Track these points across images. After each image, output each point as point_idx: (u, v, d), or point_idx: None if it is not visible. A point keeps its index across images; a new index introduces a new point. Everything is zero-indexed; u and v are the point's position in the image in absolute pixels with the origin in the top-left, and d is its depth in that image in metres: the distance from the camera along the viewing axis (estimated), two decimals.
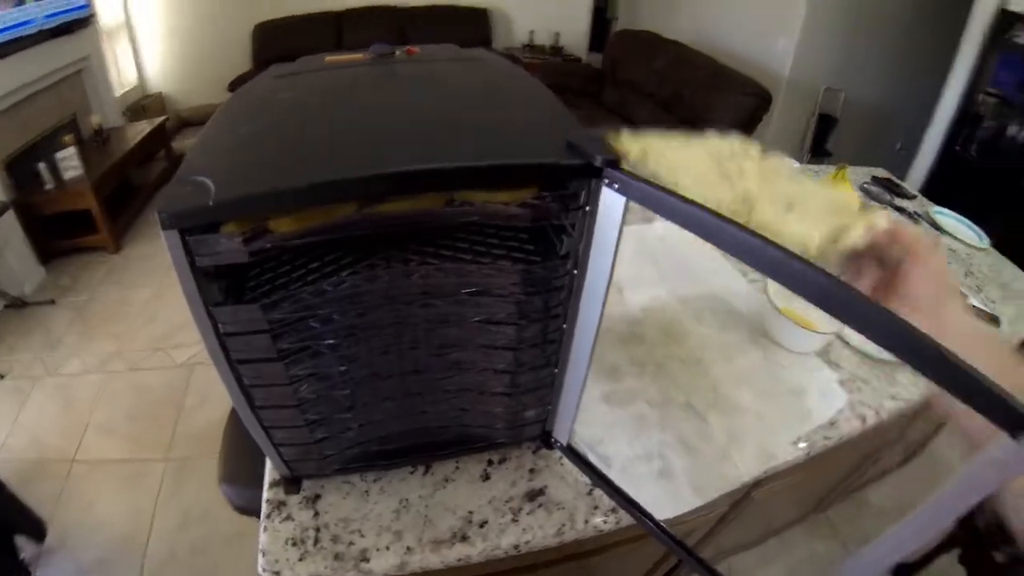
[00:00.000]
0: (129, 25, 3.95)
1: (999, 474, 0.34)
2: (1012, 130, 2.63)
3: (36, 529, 1.80)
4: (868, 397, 1.03)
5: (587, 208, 0.53)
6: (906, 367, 0.98)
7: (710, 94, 3.32)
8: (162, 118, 3.73)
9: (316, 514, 0.74)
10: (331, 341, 0.56)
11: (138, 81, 4.09)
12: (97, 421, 2.25)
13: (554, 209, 0.52)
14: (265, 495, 0.78)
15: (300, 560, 0.70)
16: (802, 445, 0.92)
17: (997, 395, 0.31)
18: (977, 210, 1.88)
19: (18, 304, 2.78)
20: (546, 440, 0.78)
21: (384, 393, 0.65)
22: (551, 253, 0.59)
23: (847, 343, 1.14)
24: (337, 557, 0.70)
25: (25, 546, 1.76)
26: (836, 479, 1.55)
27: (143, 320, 2.76)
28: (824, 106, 3.76)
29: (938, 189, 2.82)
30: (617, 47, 4.35)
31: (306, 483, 0.77)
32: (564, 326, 0.62)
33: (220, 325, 0.52)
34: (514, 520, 0.74)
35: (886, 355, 1.10)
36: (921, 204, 1.93)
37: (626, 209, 0.52)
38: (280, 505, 0.76)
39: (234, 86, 3.82)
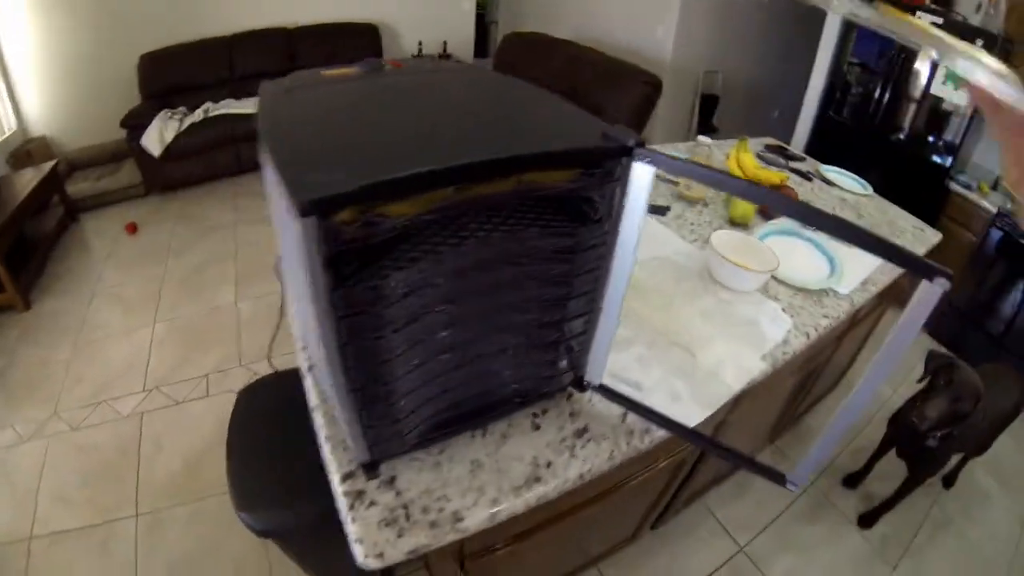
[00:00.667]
0: (2, 64, 3.62)
1: (926, 307, 0.53)
2: (876, 94, 3.06)
3: None
4: (806, 319, 1.26)
5: (619, 180, 0.67)
6: (828, 295, 1.22)
7: (606, 87, 3.57)
8: (52, 163, 3.47)
9: (398, 493, 0.80)
10: (422, 315, 0.65)
11: (17, 125, 3.77)
12: (48, 492, 2.07)
13: (595, 184, 0.66)
14: (339, 489, 0.82)
15: (399, 537, 0.75)
16: (768, 359, 1.13)
17: (915, 256, 0.52)
18: (855, 165, 2.21)
19: None
20: (579, 384, 0.91)
21: (458, 361, 0.75)
22: (589, 222, 0.72)
23: (780, 280, 1.36)
24: (433, 525, 0.76)
25: None
26: (783, 404, 1.79)
27: (72, 377, 2.59)
28: (705, 87, 4.15)
29: (819, 150, 3.22)
30: (508, 50, 4.52)
31: (380, 468, 0.83)
32: (600, 278, 0.75)
33: (340, 309, 0.58)
34: (572, 455, 0.86)
35: (813, 284, 1.34)
36: (811, 164, 2.22)
37: (652, 178, 0.67)
38: (359, 494, 0.80)
39: (127, 122, 3.64)
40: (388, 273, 0.60)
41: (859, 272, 1.45)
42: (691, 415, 0.95)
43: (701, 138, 1.87)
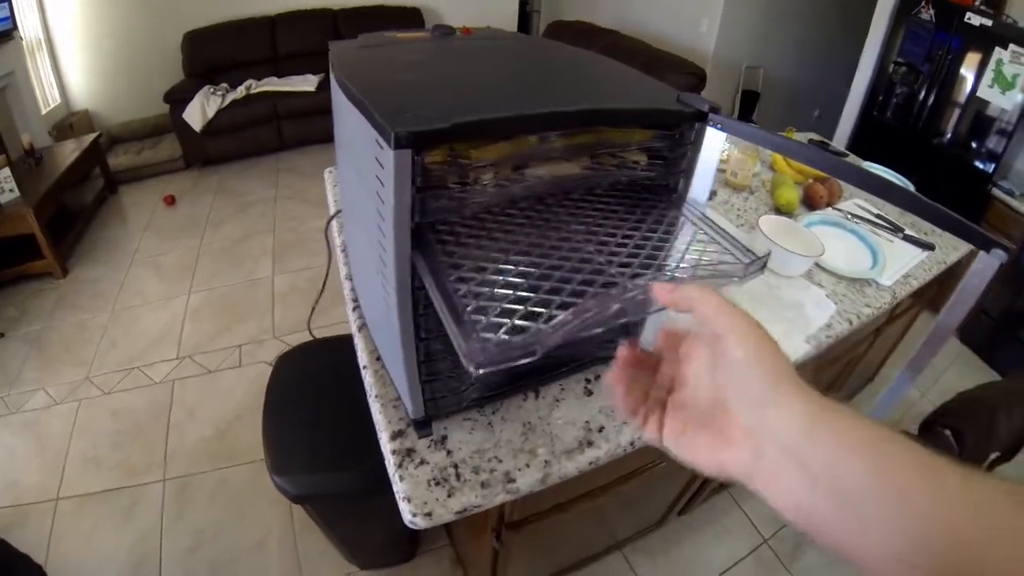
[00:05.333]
0: (49, 40, 3.72)
1: (982, 279, 0.53)
2: (921, 95, 3.00)
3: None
4: (849, 307, 1.26)
5: (693, 143, 0.68)
6: (871, 285, 1.20)
7: (651, 76, 3.54)
8: (94, 135, 3.55)
9: (449, 452, 0.81)
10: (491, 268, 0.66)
11: (61, 98, 3.86)
12: (77, 453, 2.11)
13: (671, 145, 0.67)
14: (388, 447, 0.82)
15: (449, 496, 0.75)
16: (812, 342, 1.13)
17: (969, 225, 0.52)
18: (896, 166, 2.17)
19: None
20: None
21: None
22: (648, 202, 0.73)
23: (824, 268, 1.36)
24: (484, 485, 0.77)
25: None
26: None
27: (107, 343, 2.65)
28: (746, 83, 4.10)
29: (860, 150, 3.17)
30: (552, 37, 4.50)
31: (432, 427, 0.83)
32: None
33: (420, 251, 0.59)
34: (625, 422, 0.86)
35: (856, 273, 1.33)
36: (853, 160, 2.19)
37: (722, 144, 0.68)
38: (409, 452, 0.81)
39: (170, 97, 3.71)
40: (470, 226, 0.61)
41: (901, 265, 1.45)
42: None
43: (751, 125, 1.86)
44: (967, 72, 2.82)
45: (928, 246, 1.55)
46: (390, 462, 0.81)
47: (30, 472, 2.06)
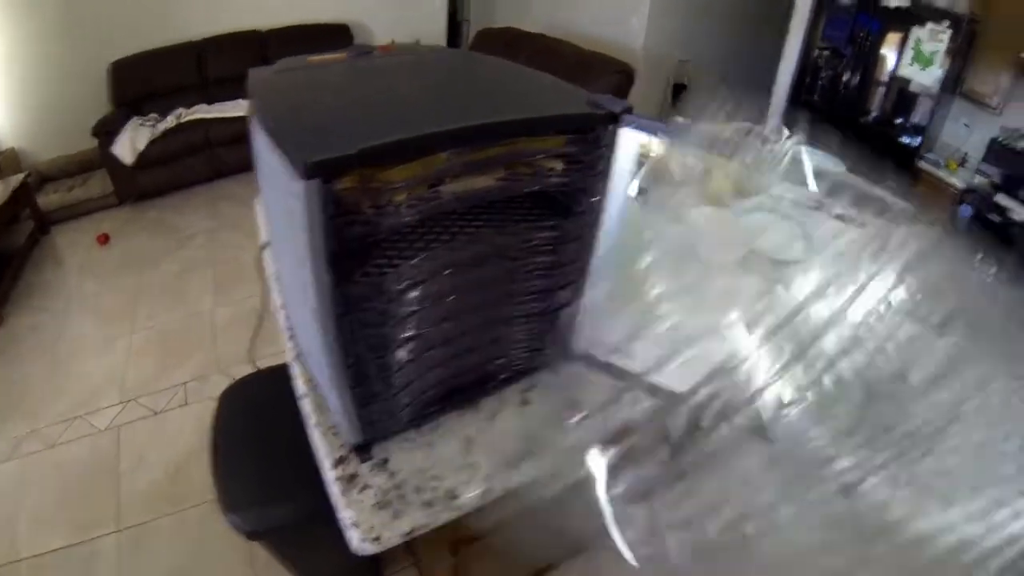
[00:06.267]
0: None
1: None
2: (845, 76, 3.12)
3: None
4: None
5: (607, 145, 0.68)
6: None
7: (580, 77, 3.57)
8: (21, 176, 3.39)
9: (391, 474, 0.79)
10: (416, 290, 0.65)
11: None
12: (29, 512, 2.02)
13: (587, 148, 0.66)
14: (331, 475, 0.81)
15: (395, 519, 0.74)
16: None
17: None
18: (826, 146, 2.24)
19: None
20: (567, 357, 0.91)
21: (445, 337, 0.74)
22: (566, 208, 0.73)
23: (758, 254, 1.38)
24: (428, 504, 0.76)
25: None
26: None
27: (49, 393, 2.52)
28: (677, 76, 4.20)
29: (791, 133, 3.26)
30: (480, 46, 4.54)
31: (372, 451, 0.82)
32: (587, 248, 0.75)
33: (338, 278, 0.57)
34: (563, 430, 0.85)
35: (788, 257, 1.36)
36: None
37: (637, 145, 0.68)
38: (352, 478, 0.79)
39: (97, 130, 3.57)
40: (386, 248, 0.60)
41: (836, 246, 1.49)
42: (680, 381, 0.95)
43: (678, 119, 1.88)
44: (888, 52, 2.95)
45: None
46: (334, 490, 0.80)
47: None
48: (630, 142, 0.68)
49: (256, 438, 1.40)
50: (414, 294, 0.64)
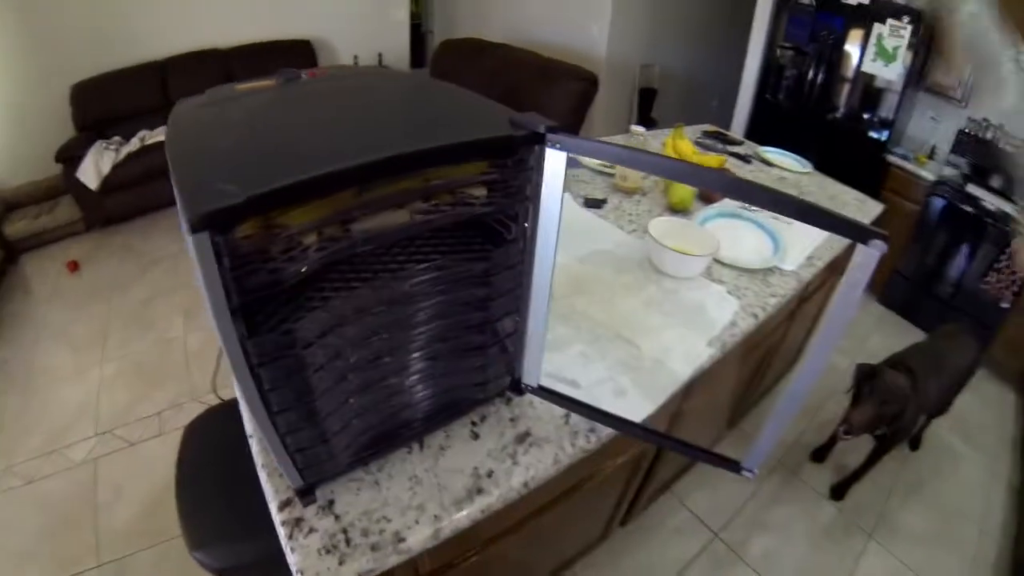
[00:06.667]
0: None
1: (864, 272, 0.53)
2: (810, 75, 3.13)
3: None
4: (753, 299, 1.26)
5: (533, 168, 0.66)
6: (775, 272, 1.22)
7: (542, 87, 3.57)
8: None
9: (337, 517, 0.77)
10: (338, 332, 0.62)
11: None
12: (10, 548, 1.98)
13: (511, 172, 0.64)
14: (278, 519, 0.78)
15: (341, 564, 0.71)
16: (715, 344, 1.12)
17: (849, 220, 0.51)
18: (794, 144, 2.24)
19: None
20: (516, 387, 0.89)
21: (380, 374, 0.71)
22: (497, 235, 0.70)
23: (722, 262, 1.36)
24: (375, 548, 0.73)
25: None
26: (741, 387, 1.80)
27: (21, 428, 2.46)
28: (643, 81, 4.20)
29: (759, 133, 3.28)
30: (443, 58, 4.51)
31: (317, 492, 0.79)
32: (524, 275, 0.73)
33: (245, 329, 0.55)
34: (515, 463, 0.83)
35: (756, 263, 1.35)
36: (750, 147, 2.25)
37: (566, 163, 0.65)
38: (298, 522, 0.77)
39: (62, 156, 3.50)
40: (299, 293, 0.57)
41: (803, 248, 1.47)
42: (638, 409, 0.93)
43: (634, 128, 1.87)
44: (851, 48, 2.96)
45: None
46: (281, 534, 0.77)
47: None
48: (558, 163, 0.65)
49: (221, 473, 1.37)
50: (334, 339, 0.61)
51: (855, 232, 0.51)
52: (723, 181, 0.57)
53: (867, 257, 0.52)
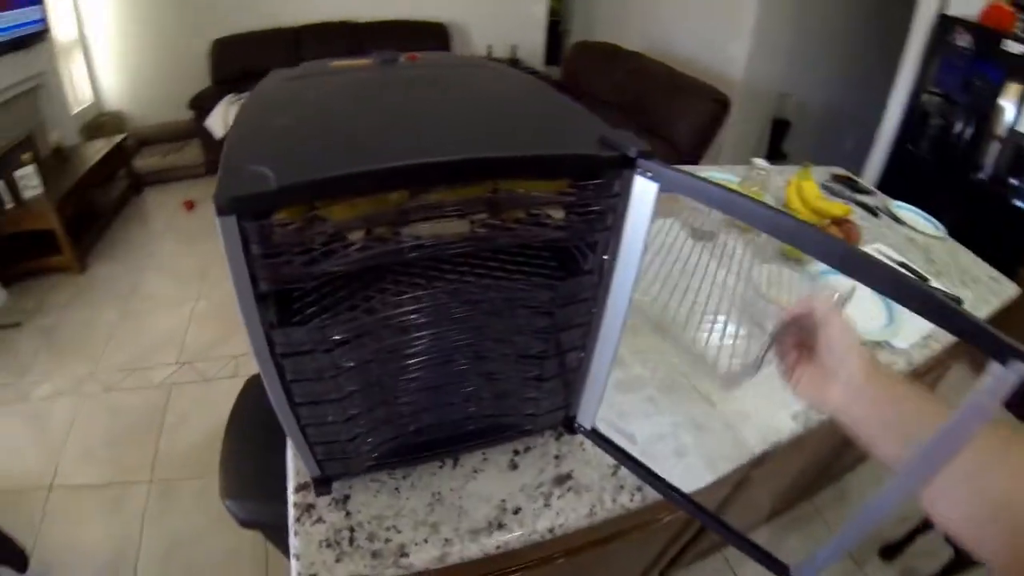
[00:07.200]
0: (83, 41, 3.84)
1: (993, 398, 0.40)
2: (957, 127, 2.79)
3: (17, 559, 1.72)
4: None
5: (619, 196, 0.57)
6: (883, 348, 1.07)
7: (671, 101, 3.40)
8: (121, 136, 3.64)
9: (348, 514, 0.74)
10: (375, 346, 0.58)
11: (94, 99, 3.98)
12: (74, 445, 2.17)
13: (591, 197, 0.56)
14: (292, 499, 0.77)
15: (337, 562, 0.69)
16: (799, 420, 0.99)
17: (986, 330, 0.39)
18: (931, 202, 1.99)
19: None
20: (569, 425, 0.81)
21: (419, 385, 0.67)
22: (572, 260, 0.63)
23: None
24: (375, 555, 0.70)
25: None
26: (821, 461, 1.62)
27: (114, 342, 2.69)
28: (777, 111, 3.92)
29: (893, 184, 2.96)
30: (576, 58, 4.44)
31: (335, 484, 0.77)
32: (594, 311, 0.65)
33: (272, 329, 0.52)
34: (546, 505, 0.76)
35: (863, 334, 1.19)
36: (880, 199, 2.03)
37: (657, 197, 0.57)
38: (309, 508, 0.75)
39: (194, 104, 3.77)
40: (334, 292, 0.54)
41: (921, 325, 1.28)
42: (695, 476, 0.83)
43: (756, 160, 1.72)
44: (1007, 104, 2.61)
45: (954, 300, 1.40)
46: (290, 514, 0.76)
47: (29, 459, 2.13)
48: (647, 194, 0.57)
49: (264, 432, 1.38)
50: (370, 343, 0.57)
51: (993, 346, 0.39)
52: (836, 253, 0.46)
53: (1002, 380, 0.39)
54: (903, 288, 0.42)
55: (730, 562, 1.81)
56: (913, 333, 1.26)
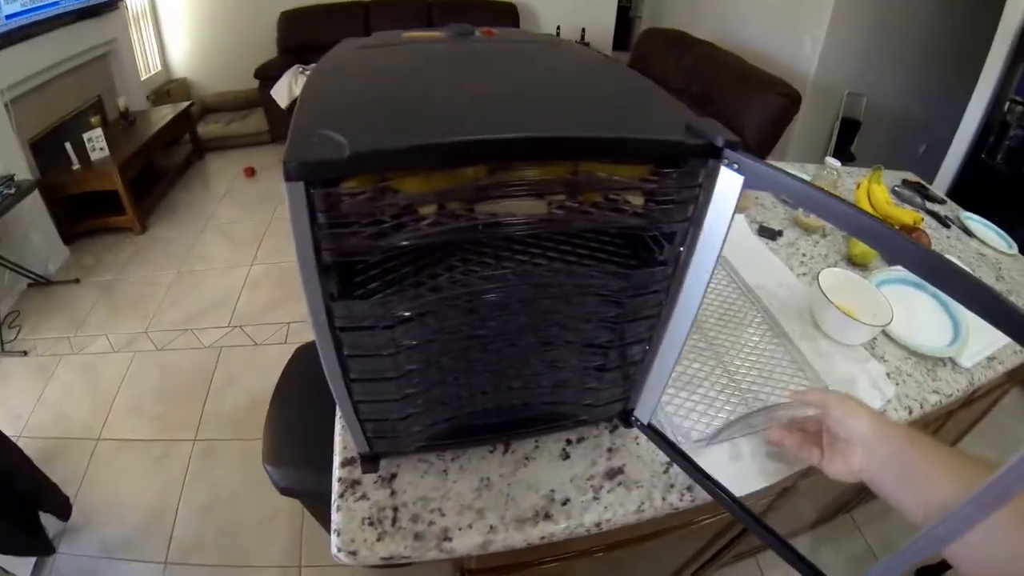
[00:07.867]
0: (154, 10, 3.97)
1: None
2: None
3: (61, 506, 1.79)
4: (912, 390, 1.04)
5: (701, 186, 0.54)
6: (946, 366, 1.00)
7: (741, 93, 3.29)
8: (187, 103, 3.75)
9: (393, 493, 0.73)
10: (438, 325, 0.57)
11: (162, 66, 4.12)
12: (123, 400, 2.26)
13: (672, 186, 0.53)
14: (337, 473, 0.77)
15: (378, 540, 0.68)
16: None
17: None
18: (1003, 216, 1.87)
19: (42, 282, 2.80)
20: (625, 419, 0.79)
21: (477, 367, 0.66)
22: (645, 249, 0.60)
23: (892, 338, 1.15)
24: (417, 537, 0.69)
25: (50, 523, 1.75)
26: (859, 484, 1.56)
27: (169, 301, 2.78)
28: (847, 110, 3.75)
29: (964, 195, 2.80)
30: (646, 44, 4.36)
31: (383, 462, 0.77)
32: (664, 303, 0.62)
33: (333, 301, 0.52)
34: (595, 498, 0.74)
35: (928, 350, 1.12)
36: (951, 208, 1.91)
37: (742, 191, 0.53)
38: (354, 484, 0.75)
39: (260, 74, 3.84)
40: (404, 261, 0.52)
41: (987, 344, 1.19)
42: (747, 480, 0.80)
43: (829, 160, 1.64)
44: None
45: None
46: (334, 489, 0.75)
47: (79, 410, 2.22)
48: (731, 187, 0.54)
49: (311, 402, 1.40)
50: (433, 322, 0.55)
51: None
52: (926, 263, 0.42)
53: None
54: (998, 306, 0.37)
55: (762, 568, 1.77)
56: (978, 353, 1.18)
